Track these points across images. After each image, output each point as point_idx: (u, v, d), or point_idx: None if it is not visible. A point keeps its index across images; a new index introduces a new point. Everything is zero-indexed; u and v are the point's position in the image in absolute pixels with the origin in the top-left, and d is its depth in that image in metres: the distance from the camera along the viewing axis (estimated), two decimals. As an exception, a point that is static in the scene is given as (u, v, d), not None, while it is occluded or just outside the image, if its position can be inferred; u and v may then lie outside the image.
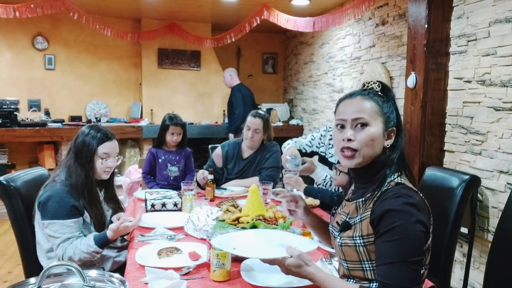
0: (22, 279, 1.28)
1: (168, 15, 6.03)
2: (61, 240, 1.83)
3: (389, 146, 1.28)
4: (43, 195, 1.88)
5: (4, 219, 4.31)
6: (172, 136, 3.11)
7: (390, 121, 1.29)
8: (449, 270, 2.12)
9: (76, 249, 1.82)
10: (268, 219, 1.92)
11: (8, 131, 5.15)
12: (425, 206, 1.18)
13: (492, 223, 2.65)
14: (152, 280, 1.43)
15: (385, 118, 1.28)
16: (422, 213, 1.15)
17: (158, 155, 3.16)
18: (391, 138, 1.29)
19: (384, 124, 1.27)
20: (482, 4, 2.75)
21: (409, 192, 1.17)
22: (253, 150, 3.11)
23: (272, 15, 4.75)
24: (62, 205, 1.85)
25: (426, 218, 1.16)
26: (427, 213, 1.18)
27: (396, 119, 1.30)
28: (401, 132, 1.30)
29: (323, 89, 5.79)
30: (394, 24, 4.08)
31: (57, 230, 1.83)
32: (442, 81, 3.09)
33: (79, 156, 1.97)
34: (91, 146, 1.98)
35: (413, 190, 1.20)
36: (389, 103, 1.30)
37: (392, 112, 1.30)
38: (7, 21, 5.50)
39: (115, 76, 6.51)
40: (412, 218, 1.12)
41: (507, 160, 2.56)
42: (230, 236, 1.55)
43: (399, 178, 1.22)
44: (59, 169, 2.00)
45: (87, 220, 1.97)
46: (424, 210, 1.17)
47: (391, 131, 1.29)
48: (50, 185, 1.91)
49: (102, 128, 2.06)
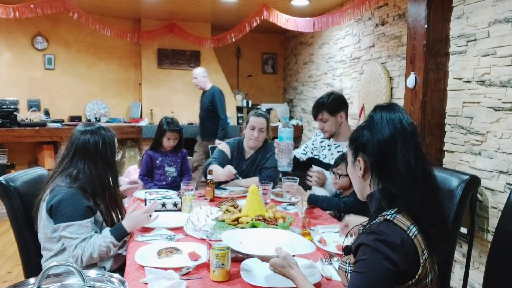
0: (22, 279, 1.28)
1: (168, 15, 6.03)
2: (79, 241, 1.82)
3: (361, 176, 1.28)
4: (53, 198, 1.84)
5: (3, 219, 4.31)
6: (169, 141, 3.16)
7: (357, 151, 1.29)
8: (449, 270, 2.12)
9: (94, 245, 1.82)
10: (268, 219, 1.92)
11: (7, 131, 5.15)
12: (404, 246, 1.13)
13: (492, 223, 2.65)
14: (152, 280, 1.43)
15: (352, 150, 1.31)
16: (396, 252, 1.11)
17: (155, 157, 3.18)
18: (361, 169, 1.28)
19: (352, 156, 1.31)
20: (481, 5, 2.75)
21: (389, 230, 1.14)
22: (254, 150, 3.10)
23: (272, 15, 4.76)
24: (77, 207, 1.84)
25: (399, 257, 1.11)
26: (406, 253, 1.13)
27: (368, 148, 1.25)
28: (375, 166, 1.24)
29: (323, 89, 5.79)
30: (394, 24, 4.08)
31: (74, 231, 1.82)
32: (442, 81, 3.09)
33: (103, 156, 1.96)
34: (113, 141, 2.00)
35: (399, 229, 1.14)
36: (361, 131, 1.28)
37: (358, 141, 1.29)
38: (7, 21, 5.49)
39: (114, 76, 6.51)
40: (380, 255, 1.12)
41: (506, 160, 2.56)
42: (237, 232, 1.59)
43: (393, 215, 1.17)
44: (62, 173, 1.94)
45: (99, 219, 1.97)
46: (400, 250, 1.12)
47: (358, 161, 1.28)
48: (58, 188, 1.87)
49: (100, 124, 2.07)
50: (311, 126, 6.26)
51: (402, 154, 1.19)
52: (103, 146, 1.97)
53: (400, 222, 1.16)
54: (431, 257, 1.19)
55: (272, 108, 6.87)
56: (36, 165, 5.48)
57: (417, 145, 1.23)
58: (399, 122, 1.22)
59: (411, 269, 1.14)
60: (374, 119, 1.25)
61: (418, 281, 1.15)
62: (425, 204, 1.18)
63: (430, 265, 1.19)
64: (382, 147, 1.21)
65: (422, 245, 1.15)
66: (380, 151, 1.22)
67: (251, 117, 3.04)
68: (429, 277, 1.18)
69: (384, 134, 1.21)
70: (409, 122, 1.23)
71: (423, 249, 1.15)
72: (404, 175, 1.18)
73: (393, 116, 1.23)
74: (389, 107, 1.26)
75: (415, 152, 1.20)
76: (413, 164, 1.18)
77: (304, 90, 6.55)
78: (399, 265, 1.11)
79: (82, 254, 1.81)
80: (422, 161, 1.21)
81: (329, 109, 2.61)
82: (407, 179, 1.18)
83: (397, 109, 1.26)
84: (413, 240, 1.14)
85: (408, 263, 1.13)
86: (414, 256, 1.14)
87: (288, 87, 7.36)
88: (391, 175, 1.20)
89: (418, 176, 1.19)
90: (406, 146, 1.20)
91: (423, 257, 1.15)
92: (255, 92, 7.46)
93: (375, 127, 1.23)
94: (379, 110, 1.26)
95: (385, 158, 1.21)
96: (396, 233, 1.14)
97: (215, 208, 2.16)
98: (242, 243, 1.55)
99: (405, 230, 1.15)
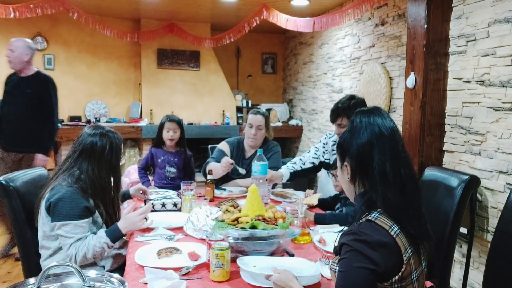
0: (22, 279, 1.28)
1: (168, 15, 6.03)
2: (74, 240, 1.83)
3: (349, 180, 1.31)
4: (52, 197, 1.85)
5: (3, 219, 4.31)
6: (168, 133, 3.10)
7: (343, 156, 1.32)
8: (449, 270, 2.12)
9: (89, 246, 1.82)
10: (268, 219, 1.92)
11: (7, 131, 5.13)
12: (385, 245, 1.15)
13: (492, 223, 2.65)
14: (152, 280, 1.43)
15: (339, 155, 1.34)
16: (375, 251, 1.14)
17: (158, 155, 3.18)
18: (348, 174, 1.31)
19: (340, 161, 1.34)
20: (481, 5, 2.75)
21: (369, 230, 1.17)
22: (254, 149, 3.08)
23: (271, 15, 4.76)
24: (74, 206, 1.84)
25: (379, 256, 1.14)
26: (386, 252, 1.15)
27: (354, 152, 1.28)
28: (357, 167, 1.28)
29: (323, 89, 5.79)
30: (394, 24, 4.08)
31: (69, 230, 1.83)
32: (442, 81, 3.09)
33: (108, 160, 1.98)
34: (119, 148, 2.03)
35: (380, 228, 1.18)
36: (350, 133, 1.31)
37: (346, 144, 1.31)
38: (7, 21, 5.49)
39: (114, 76, 6.51)
40: (359, 255, 1.15)
41: (506, 160, 2.56)
42: (253, 258, 1.64)
43: (375, 216, 1.20)
44: (65, 171, 1.95)
45: (98, 220, 1.98)
46: (380, 249, 1.15)
47: (345, 166, 1.32)
48: (58, 186, 1.88)
49: (110, 129, 2.08)
50: (311, 126, 6.26)
51: (378, 158, 1.23)
52: (110, 150, 1.98)
53: (382, 222, 1.19)
54: (416, 254, 1.21)
55: (272, 108, 6.87)
56: (36, 165, 5.48)
57: (395, 149, 1.26)
58: (377, 126, 1.26)
59: (393, 267, 1.16)
60: (354, 124, 1.30)
61: (402, 278, 1.17)
62: (402, 207, 1.21)
63: (415, 263, 1.21)
64: (360, 151, 1.26)
65: (405, 243, 1.18)
66: (358, 155, 1.26)
67: (249, 115, 3.04)
68: (414, 274, 1.20)
69: (362, 138, 1.26)
70: (388, 127, 1.27)
71: (406, 247, 1.18)
72: (380, 178, 1.22)
73: (371, 121, 1.28)
74: (369, 112, 1.31)
75: (392, 156, 1.24)
76: (388, 167, 1.22)
77: (304, 90, 6.55)
78: (379, 264, 1.14)
79: (76, 254, 1.81)
80: (398, 165, 1.24)
81: (349, 114, 2.51)
82: (383, 182, 1.21)
83: (377, 113, 1.30)
84: (395, 239, 1.17)
85: (389, 261, 1.16)
86: (396, 254, 1.17)
87: (287, 87, 7.36)
88: (369, 178, 1.24)
89: (393, 180, 1.22)
90: (383, 150, 1.24)
91: (407, 254, 1.18)
92: (254, 92, 7.46)
93: (354, 131, 1.29)
94: (359, 114, 1.31)
95: (363, 162, 1.25)
96: (376, 233, 1.17)
97: (215, 208, 2.16)
98: (255, 266, 1.58)
99: (387, 229, 1.18)
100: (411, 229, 1.20)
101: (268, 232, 1.69)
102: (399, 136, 1.30)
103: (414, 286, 1.20)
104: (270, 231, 1.71)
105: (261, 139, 3.04)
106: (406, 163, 1.27)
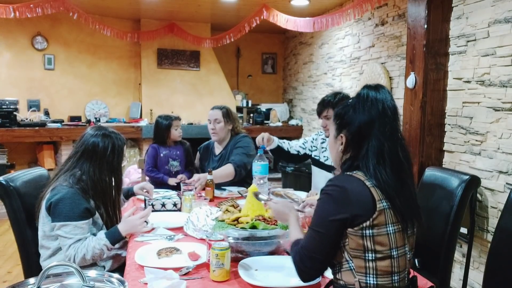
0: (22, 279, 1.28)
1: (168, 15, 6.03)
2: (73, 241, 1.83)
3: (341, 151, 1.36)
4: (53, 197, 1.85)
5: (3, 219, 4.31)
6: (177, 131, 3.25)
7: (340, 128, 1.36)
8: (449, 270, 2.12)
9: (88, 247, 1.83)
10: (268, 219, 1.92)
11: (7, 131, 5.15)
12: (354, 190, 1.23)
13: (492, 223, 2.65)
14: (152, 280, 1.43)
15: (336, 125, 1.39)
16: (344, 194, 1.24)
17: (160, 151, 3.21)
18: (342, 145, 1.36)
19: (336, 130, 1.38)
20: (481, 5, 2.75)
21: (344, 179, 1.29)
22: (223, 146, 3.18)
23: (271, 15, 4.76)
24: (74, 207, 1.84)
25: (348, 199, 1.23)
26: (356, 197, 1.23)
27: (351, 125, 1.33)
28: (352, 137, 1.33)
29: (323, 89, 5.79)
30: (394, 24, 4.08)
31: (69, 231, 1.83)
32: (442, 81, 3.09)
33: (110, 161, 1.97)
34: (121, 152, 2.02)
35: (355, 179, 1.26)
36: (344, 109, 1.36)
37: (343, 118, 1.35)
38: (7, 21, 5.49)
39: (114, 76, 6.51)
40: (329, 197, 1.27)
41: (506, 160, 2.56)
42: (254, 260, 1.65)
43: (355, 172, 1.29)
44: (67, 171, 1.95)
45: (99, 221, 1.98)
46: (350, 193, 1.23)
47: (341, 137, 1.36)
48: (60, 187, 1.88)
49: (114, 130, 2.08)
50: (311, 126, 6.26)
51: (377, 136, 1.27)
52: (112, 152, 1.97)
53: (359, 176, 1.27)
54: (395, 215, 1.25)
55: (272, 108, 6.88)
56: (36, 165, 5.49)
57: (396, 129, 1.31)
58: (382, 104, 1.30)
59: (364, 212, 1.22)
60: (360, 97, 1.33)
61: (373, 225, 1.22)
62: (394, 186, 1.26)
63: (393, 220, 1.25)
64: (361, 128, 1.30)
65: (380, 195, 1.24)
66: (358, 130, 1.30)
67: (209, 112, 3.18)
68: (390, 227, 1.24)
69: (365, 115, 1.29)
70: (392, 106, 1.31)
71: (380, 198, 1.24)
72: (376, 158, 1.26)
73: (378, 97, 1.30)
74: (376, 88, 1.33)
75: (392, 137, 1.29)
76: (386, 148, 1.27)
77: (304, 90, 6.55)
78: (347, 207, 1.23)
79: (75, 255, 1.81)
80: (396, 146, 1.29)
81: (335, 106, 2.61)
82: (378, 161, 1.26)
83: (383, 91, 1.33)
84: (369, 188, 1.24)
85: (359, 206, 1.23)
86: (368, 201, 1.23)
87: (288, 87, 7.36)
88: (364, 155, 1.29)
89: (390, 160, 1.27)
90: (384, 131, 1.28)
91: (381, 204, 1.23)
92: (255, 92, 7.46)
93: (359, 106, 1.31)
94: (366, 89, 1.34)
95: (361, 138, 1.30)
96: (350, 181, 1.26)
97: (215, 208, 2.16)
98: (257, 270, 1.58)
99: (362, 180, 1.25)
100: (400, 205, 1.25)
101: (268, 232, 1.69)
102: (398, 116, 1.34)
103: (390, 240, 1.23)
104: (270, 231, 1.71)
105: (221, 132, 3.13)
106: (403, 145, 1.32)
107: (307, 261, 1.29)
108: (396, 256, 1.25)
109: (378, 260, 1.23)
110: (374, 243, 1.22)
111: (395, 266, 1.25)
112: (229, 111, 3.21)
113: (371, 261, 1.23)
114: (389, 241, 1.24)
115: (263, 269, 1.58)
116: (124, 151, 2.06)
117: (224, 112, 3.14)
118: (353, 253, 1.24)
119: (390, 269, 1.24)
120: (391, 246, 1.24)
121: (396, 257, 1.25)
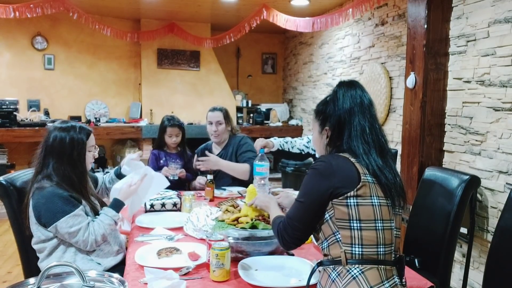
0: (22, 279, 1.28)
1: (168, 15, 6.03)
2: (84, 229, 1.83)
3: (327, 143, 1.45)
4: (38, 204, 1.82)
5: (3, 219, 4.31)
6: (171, 138, 3.17)
7: (324, 122, 1.45)
8: (449, 270, 2.12)
9: (104, 225, 1.88)
10: (268, 219, 1.92)
11: (7, 131, 5.15)
12: (338, 165, 1.33)
13: (492, 223, 2.65)
14: (152, 280, 1.43)
15: (319, 120, 1.48)
16: (328, 168, 1.33)
17: (160, 156, 3.19)
18: (327, 138, 1.45)
19: (319, 126, 1.47)
20: (481, 5, 2.75)
21: (328, 156, 1.39)
22: (222, 147, 3.16)
23: (271, 15, 4.76)
24: (63, 200, 1.82)
25: (332, 172, 1.32)
26: (340, 171, 1.32)
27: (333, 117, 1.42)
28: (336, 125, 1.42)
29: (323, 89, 5.79)
30: (394, 24, 4.08)
31: (73, 223, 1.81)
32: (442, 81, 3.09)
33: (68, 155, 1.91)
34: (81, 142, 1.95)
35: (340, 156, 1.36)
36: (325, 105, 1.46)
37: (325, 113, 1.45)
38: (7, 21, 5.49)
39: (114, 76, 6.51)
40: (313, 171, 1.36)
41: (506, 160, 2.56)
42: (254, 260, 1.66)
43: (341, 154, 1.38)
44: (38, 174, 1.90)
45: (87, 208, 1.95)
46: (333, 167, 1.33)
47: (326, 130, 1.44)
48: (37, 191, 1.85)
49: (76, 123, 2.03)
50: (311, 127, 6.26)
51: (358, 122, 1.38)
52: (70, 145, 1.91)
53: (345, 155, 1.36)
54: (381, 190, 1.33)
55: (272, 108, 6.88)
56: (36, 165, 5.47)
57: (374, 117, 1.42)
58: (359, 97, 1.41)
59: (348, 184, 1.30)
60: (337, 94, 1.43)
61: (358, 195, 1.29)
62: (377, 164, 1.35)
63: (378, 194, 1.32)
64: (341, 117, 1.40)
65: (364, 170, 1.32)
66: (339, 120, 1.40)
67: (208, 113, 3.15)
68: (375, 199, 1.31)
69: (344, 106, 1.40)
70: (368, 98, 1.43)
71: (365, 173, 1.32)
72: (358, 137, 1.36)
73: (353, 93, 1.42)
74: (350, 84, 1.45)
75: (372, 123, 1.40)
76: (367, 130, 1.37)
77: (304, 90, 6.56)
78: (332, 178, 1.31)
79: (95, 238, 1.85)
80: (377, 130, 1.40)
81: None
82: (361, 142, 1.36)
83: (358, 86, 1.45)
84: (354, 164, 1.33)
85: (343, 178, 1.31)
86: (352, 174, 1.31)
87: (288, 87, 7.36)
88: (346, 138, 1.38)
89: (372, 141, 1.37)
90: (364, 116, 1.39)
91: (366, 178, 1.31)
92: (255, 92, 7.46)
93: (337, 100, 1.42)
94: (342, 86, 1.45)
95: (343, 127, 1.39)
96: (335, 157, 1.36)
97: (215, 208, 2.16)
98: (257, 270, 1.58)
99: (347, 157, 1.35)
100: (386, 182, 1.34)
101: (268, 232, 1.69)
102: (375, 108, 1.45)
103: (374, 212, 1.30)
104: (270, 231, 1.71)
105: (223, 133, 3.13)
106: (382, 132, 1.42)
107: (289, 229, 1.39)
108: (381, 228, 1.30)
109: (363, 230, 1.28)
110: (359, 212, 1.28)
111: (381, 238, 1.29)
112: (228, 112, 3.22)
113: (356, 229, 1.28)
114: (374, 212, 1.30)
115: (263, 269, 1.58)
116: (85, 143, 1.96)
117: (225, 113, 3.14)
118: (339, 224, 1.30)
119: (375, 240, 1.29)
120: (376, 218, 1.30)
121: (381, 228, 1.30)
